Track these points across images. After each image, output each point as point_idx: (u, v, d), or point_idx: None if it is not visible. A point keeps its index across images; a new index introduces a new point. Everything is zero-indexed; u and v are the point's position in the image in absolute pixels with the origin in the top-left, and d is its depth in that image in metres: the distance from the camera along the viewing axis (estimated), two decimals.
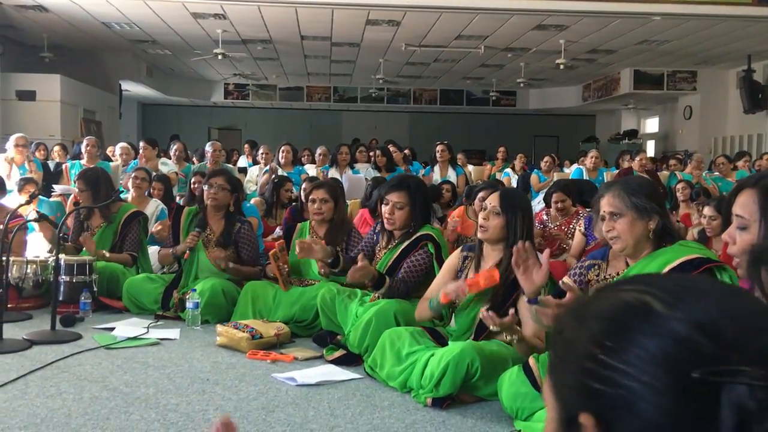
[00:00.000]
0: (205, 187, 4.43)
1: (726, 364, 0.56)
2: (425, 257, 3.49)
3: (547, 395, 0.67)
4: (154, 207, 5.69)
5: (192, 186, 6.02)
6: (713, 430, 0.56)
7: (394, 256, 3.58)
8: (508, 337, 2.63)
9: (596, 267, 2.59)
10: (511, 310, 2.61)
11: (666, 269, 2.24)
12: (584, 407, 0.60)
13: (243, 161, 9.95)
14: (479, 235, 3.01)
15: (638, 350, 0.59)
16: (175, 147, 7.90)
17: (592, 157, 8.06)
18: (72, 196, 6.32)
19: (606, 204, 2.36)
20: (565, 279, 2.67)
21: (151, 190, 6.13)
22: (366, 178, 7.07)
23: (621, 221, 2.32)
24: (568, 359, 0.63)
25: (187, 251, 4.33)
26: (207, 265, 4.36)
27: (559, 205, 5.62)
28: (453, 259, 3.21)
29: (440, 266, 3.43)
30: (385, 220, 3.59)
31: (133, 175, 5.76)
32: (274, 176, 6.76)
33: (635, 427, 0.58)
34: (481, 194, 4.96)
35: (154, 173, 6.64)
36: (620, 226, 2.32)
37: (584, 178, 7.78)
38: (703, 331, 0.58)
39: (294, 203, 6.29)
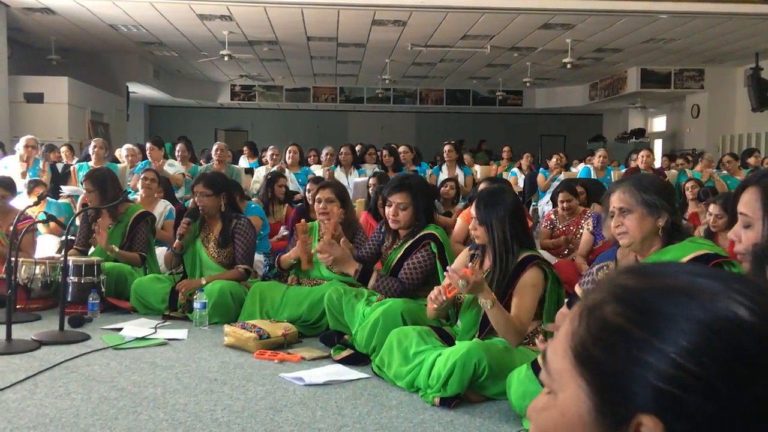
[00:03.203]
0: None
1: None
2: (427, 257, 3.49)
3: (566, 382, 0.64)
4: (162, 207, 5.72)
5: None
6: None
7: (399, 256, 3.58)
8: (482, 301, 2.72)
9: (605, 268, 2.58)
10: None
11: None
12: (646, 408, 0.59)
13: (243, 162, 9.97)
14: (476, 240, 3.09)
15: (720, 359, 0.58)
16: (177, 147, 7.92)
17: (599, 156, 8.05)
18: (80, 198, 6.34)
19: (616, 200, 2.36)
20: (577, 288, 2.66)
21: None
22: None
23: (630, 217, 2.32)
24: (631, 356, 0.60)
25: (178, 239, 4.35)
26: (210, 263, 4.38)
27: (566, 204, 5.61)
28: (462, 257, 3.22)
29: (443, 266, 3.43)
30: (390, 221, 3.60)
31: (142, 176, 5.78)
32: (268, 174, 6.75)
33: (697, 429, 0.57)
34: (482, 185, 5.11)
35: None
36: (629, 222, 2.32)
37: (592, 177, 7.77)
38: None
39: (299, 203, 6.29)
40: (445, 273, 2.85)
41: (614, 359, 0.61)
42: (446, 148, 7.78)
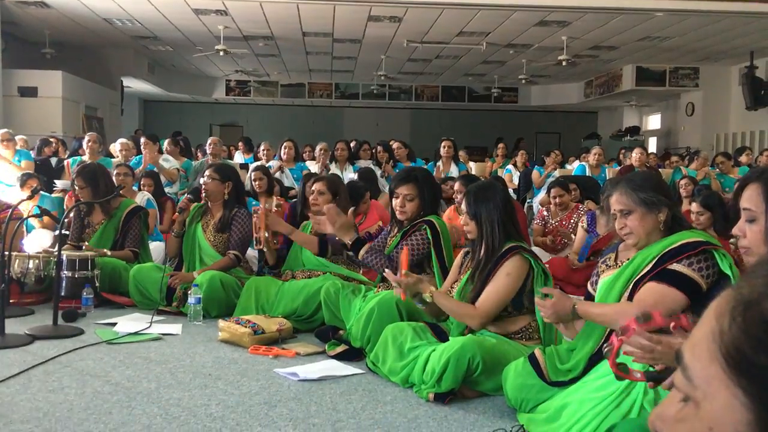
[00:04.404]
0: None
1: None
2: (421, 240, 3.48)
3: (716, 391, 0.56)
4: (140, 199, 5.70)
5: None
6: None
7: (397, 242, 3.58)
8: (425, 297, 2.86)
9: (608, 260, 2.61)
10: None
11: (666, 250, 2.29)
12: None
13: (239, 157, 9.95)
14: (468, 235, 3.10)
15: None
16: (165, 142, 7.94)
17: (595, 154, 8.06)
18: (68, 194, 6.31)
19: (615, 203, 2.41)
20: (588, 287, 2.67)
21: (141, 186, 6.15)
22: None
23: (632, 217, 2.36)
24: None
25: (178, 213, 4.42)
26: (207, 248, 4.40)
27: (558, 200, 5.63)
28: (458, 258, 3.24)
29: (438, 255, 3.43)
30: (397, 212, 3.61)
31: (115, 171, 5.79)
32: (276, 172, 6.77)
33: None
34: (456, 186, 5.13)
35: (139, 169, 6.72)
36: (632, 222, 2.36)
37: (587, 174, 7.78)
38: None
39: (294, 199, 6.29)
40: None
41: None
42: (445, 143, 7.77)
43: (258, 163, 7.56)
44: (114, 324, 3.87)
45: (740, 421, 0.53)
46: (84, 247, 4.61)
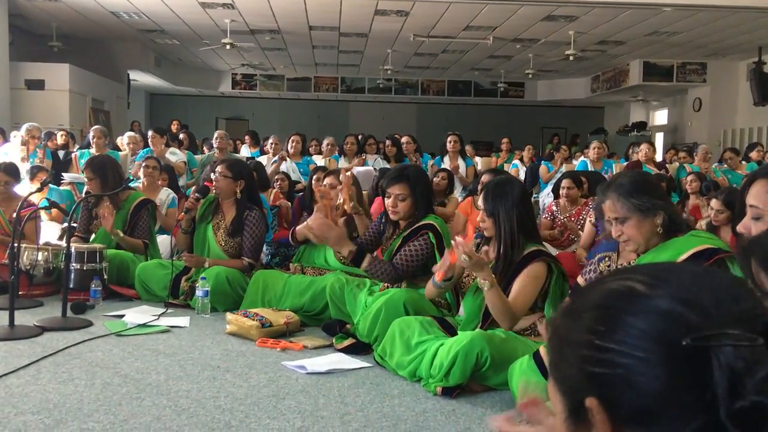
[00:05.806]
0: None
1: (710, 330, 0.61)
2: (424, 246, 3.48)
3: (552, 394, 0.72)
4: (165, 196, 5.70)
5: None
6: (708, 392, 0.60)
7: (397, 245, 3.58)
8: (481, 281, 2.70)
9: (607, 259, 2.59)
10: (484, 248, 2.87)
11: (678, 260, 2.25)
12: (588, 392, 0.65)
13: (245, 151, 9.96)
14: (484, 233, 3.09)
15: (628, 329, 0.64)
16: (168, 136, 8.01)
17: (594, 148, 7.98)
18: (86, 186, 6.35)
19: (609, 210, 2.38)
20: (579, 279, 2.67)
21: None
22: (374, 169, 7.07)
23: (628, 224, 2.35)
24: (567, 352, 0.69)
25: (183, 213, 4.38)
26: (217, 250, 4.39)
27: (566, 191, 5.61)
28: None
29: (441, 256, 3.44)
30: (389, 212, 3.60)
31: (144, 164, 5.77)
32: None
33: (636, 401, 0.62)
34: (483, 178, 5.07)
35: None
36: (629, 230, 2.35)
37: (590, 169, 7.74)
38: (685, 303, 0.63)
39: (301, 193, 6.30)
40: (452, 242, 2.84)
41: (563, 361, 0.69)
42: (451, 138, 7.75)
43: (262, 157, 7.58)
44: (122, 316, 3.89)
45: (564, 415, 0.69)
46: (101, 216, 4.64)
